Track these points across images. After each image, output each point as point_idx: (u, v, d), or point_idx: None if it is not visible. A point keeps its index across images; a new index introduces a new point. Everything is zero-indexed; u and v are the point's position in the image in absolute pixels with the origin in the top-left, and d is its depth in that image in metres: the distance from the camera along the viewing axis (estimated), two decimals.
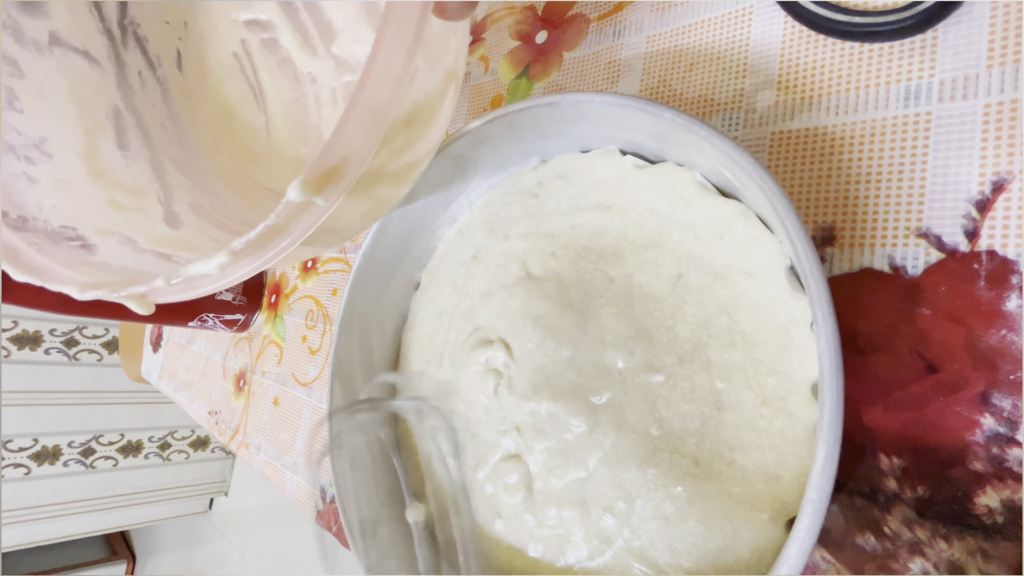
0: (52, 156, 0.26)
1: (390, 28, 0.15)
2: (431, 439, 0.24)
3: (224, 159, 0.34)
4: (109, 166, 0.28)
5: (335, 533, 0.33)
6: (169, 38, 0.33)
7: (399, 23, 0.15)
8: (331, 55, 0.33)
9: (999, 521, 0.15)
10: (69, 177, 0.26)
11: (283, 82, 0.35)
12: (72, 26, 0.28)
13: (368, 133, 0.16)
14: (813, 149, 0.20)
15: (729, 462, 0.17)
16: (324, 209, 0.17)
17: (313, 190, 0.16)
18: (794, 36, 0.21)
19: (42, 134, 0.26)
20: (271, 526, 1.58)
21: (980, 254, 0.16)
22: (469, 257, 0.26)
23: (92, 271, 0.21)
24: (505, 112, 0.21)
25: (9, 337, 1.38)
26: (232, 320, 0.47)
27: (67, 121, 0.27)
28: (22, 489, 1.43)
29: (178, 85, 0.33)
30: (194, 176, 0.31)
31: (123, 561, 1.84)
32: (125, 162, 0.28)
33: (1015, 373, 0.15)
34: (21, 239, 0.22)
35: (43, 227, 0.23)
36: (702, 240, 0.19)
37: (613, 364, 0.20)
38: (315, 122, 0.34)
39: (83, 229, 0.24)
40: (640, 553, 0.18)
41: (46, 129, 0.26)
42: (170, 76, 0.33)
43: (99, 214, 0.25)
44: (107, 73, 0.30)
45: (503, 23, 0.33)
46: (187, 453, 1.73)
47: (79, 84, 0.28)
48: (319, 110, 0.34)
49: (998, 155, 0.16)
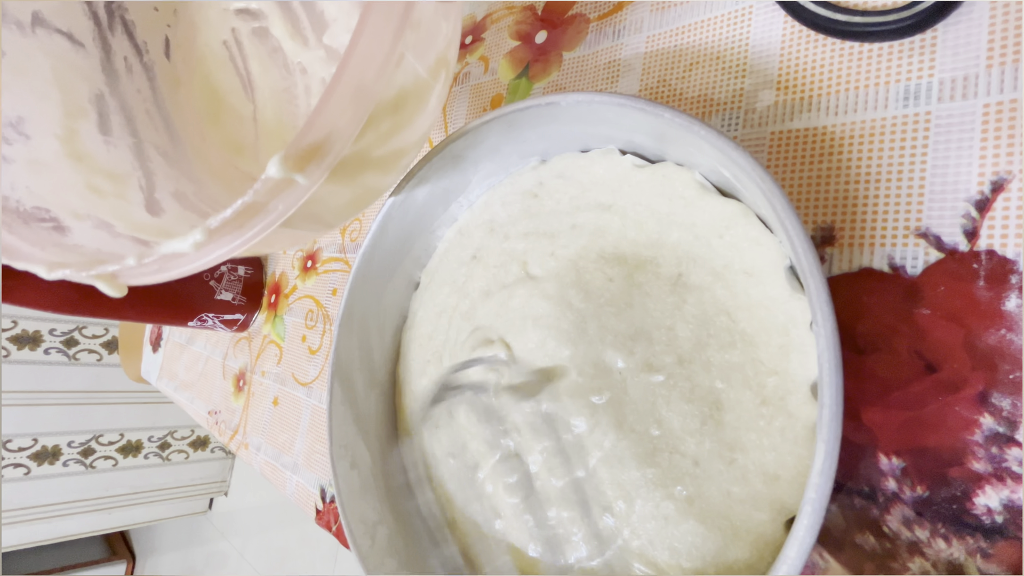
0: (30, 137, 0.26)
1: (377, 4, 0.15)
2: (430, 435, 0.24)
3: (210, 148, 0.33)
4: (89, 150, 0.27)
5: (335, 533, 0.33)
6: (158, 24, 0.33)
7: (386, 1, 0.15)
8: (322, 45, 0.33)
9: (998, 521, 0.15)
10: (46, 159, 0.26)
11: (273, 71, 0.34)
12: (57, 7, 0.28)
13: (353, 111, 0.15)
14: (812, 149, 0.20)
15: (729, 462, 0.17)
16: (305, 188, 0.16)
17: (294, 166, 0.15)
18: (794, 36, 0.21)
19: (20, 114, 0.26)
20: (271, 526, 1.58)
21: (979, 254, 0.16)
22: (469, 257, 0.26)
23: (63, 253, 0.21)
24: (505, 112, 0.21)
25: (9, 337, 1.38)
26: (232, 320, 0.47)
27: (48, 103, 0.27)
28: (22, 489, 1.43)
29: (165, 72, 0.33)
30: (179, 164, 0.31)
31: (123, 561, 1.84)
32: (106, 147, 0.28)
33: (1014, 373, 0.15)
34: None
35: (14, 207, 0.23)
36: (702, 240, 0.19)
37: (613, 364, 0.20)
38: (304, 112, 0.34)
39: (58, 211, 0.23)
40: (640, 553, 0.18)
41: (24, 109, 0.26)
42: (157, 63, 0.33)
43: (76, 197, 0.25)
44: (92, 57, 0.29)
45: (503, 23, 0.33)
46: (187, 453, 1.74)
47: (62, 66, 0.28)
48: (308, 99, 0.34)
49: (997, 155, 0.16)
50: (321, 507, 0.35)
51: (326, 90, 0.15)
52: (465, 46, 0.35)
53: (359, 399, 0.26)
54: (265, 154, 0.34)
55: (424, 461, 0.25)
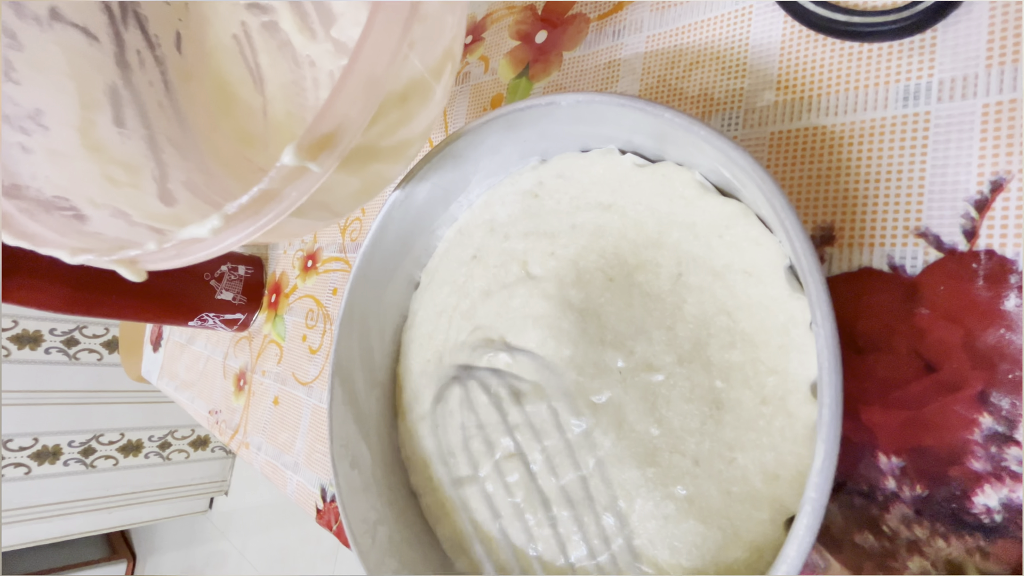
0: (48, 128, 0.26)
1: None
2: (430, 435, 0.24)
3: (221, 140, 0.34)
4: (105, 142, 0.28)
5: (335, 533, 0.33)
6: (169, 18, 0.34)
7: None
8: (330, 38, 0.33)
9: (997, 520, 0.15)
10: (64, 149, 0.26)
11: (282, 64, 0.35)
12: (73, 2, 0.28)
13: (363, 101, 0.16)
14: (812, 149, 0.20)
15: (729, 461, 0.17)
16: (318, 176, 0.17)
17: (308, 155, 0.16)
18: (793, 36, 0.21)
19: (38, 106, 0.26)
20: (271, 525, 1.58)
21: (979, 253, 0.16)
22: (469, 257, 0.26)
23: (84, 239, 0.21)
24: (505, 112, 0.21)
25: (9, 337, 1.38)
26: (232, 319, 0.47)
27: (64, 95, 0.27)
28: (22, 488, 1.44)
29: (177, 66, 0.33)
30: (190, 156, 0.31)
31: (123, 560, 1.85)
32: (121, 139, 0.29)
33: (1013, 372, 0.15)
34: (13, 206, 0.22)
35: (35, 195, 0.23)
36: (702, 239, 0.19)
37: (613, 363, 0.20)
38: (312, 104, 0.34)
39: (76, 200, 0.24)
40: (640, 552, 0.18)
41: (43, 101, 0.26)
42: (169, 56, 0.33)
43: (93, 186, 0.26)
44: (106, 50, 0.30)
45: (503, 23, 0.33)
46: (187, 452, 1.74)
47: (78, 59, 0.28)
48: (317, 92, 0.34)
49: (997, 155, 0.16)
50: (322, 506, 0.35)
51: (338, 81, 0.16)
52: (465, 46, 0.35)
53: (360, 399, 0.26)
54: (275, 145, 0.34)
55: (424, 461, 0.25)
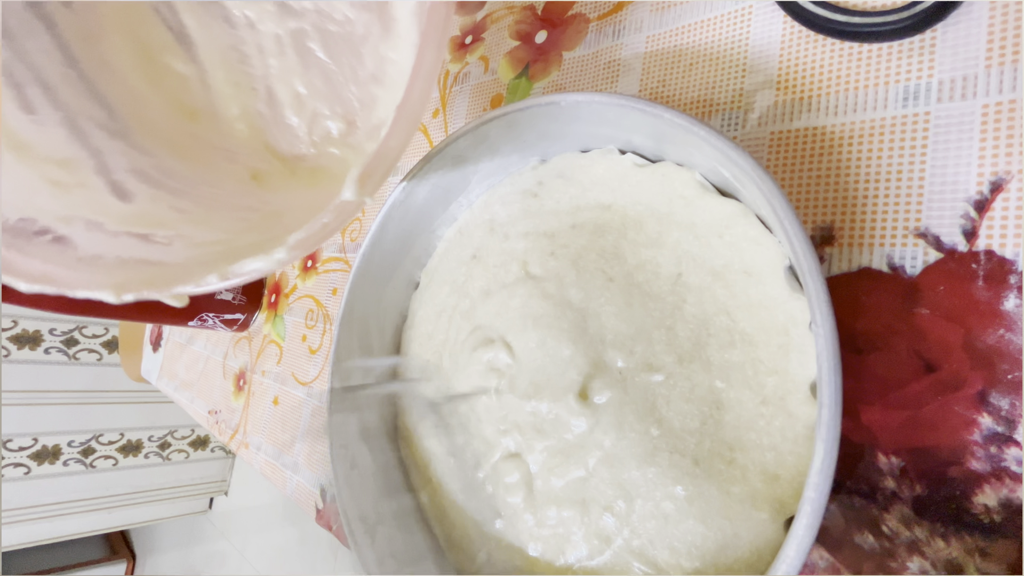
0: None
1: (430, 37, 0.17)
2: (432, 436, 0.24)
3: (155, 116, 0.31)
4: (22, 136, 0.25)
5: (335, 533, 0.33)
6: None
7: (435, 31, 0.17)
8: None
9: (997, 520, 0.15)
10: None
11: (213, 26, 0.30)
12: None
13: (408, 134, 0.18)
14: (812, 149, 0.20)
15: (728, 461, 0.17)
16: (360, 204, 0.19)
17: (368, 192, 0.18)
18: (793, 36, 0.21)
19: None
20: (271, 525, 1.58)
21: (978, 254, 0.16)
22: (469, 256, 0.26)
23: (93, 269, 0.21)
24: (505, 112, 0.21)
25: (9, 337, 1.38)
26: (232, 320, 0.47)
27: None
28: (22, 488, 1.43)
29: (68, 24, 0.28)
30: (122, 136, 0.29)
31: (123, 560, 1.84)
32: (38, 128, 0.26)
33: (1013, 372, 0.15)
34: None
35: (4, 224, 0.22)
36: (701, 240, 0.19)
37: (613, 364, 0.20)
38: (262, 74, 0.31)
39: (44, 219, 0.23)
40: (640, 552, 0.18)
41: None
42: (56, 13, 0.28)
43: (45, 197, 0.24)
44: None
45: (503, 23, 0.33)
46: (187, 452, 1.73)
47: None
48: (264, 59, 0.30)
49: (996, 155, 0.16)
50: (321, 506, 0.35)
51: (392, 122, 0.18)
52: (465, 46, 0.35)
53: (360, 398, 0.26)
54: (225, 120, 0.31)
55: (424, 460, 0.25)
